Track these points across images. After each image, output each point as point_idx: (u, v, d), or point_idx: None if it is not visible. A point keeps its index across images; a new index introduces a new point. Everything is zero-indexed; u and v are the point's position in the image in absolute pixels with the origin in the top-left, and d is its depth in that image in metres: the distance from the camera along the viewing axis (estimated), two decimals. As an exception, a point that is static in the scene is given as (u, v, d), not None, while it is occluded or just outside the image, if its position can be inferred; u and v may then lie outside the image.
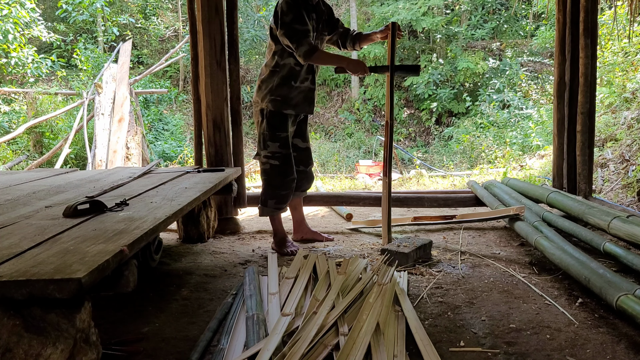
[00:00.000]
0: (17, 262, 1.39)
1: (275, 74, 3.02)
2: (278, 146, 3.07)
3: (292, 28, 2.84)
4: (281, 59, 3.01)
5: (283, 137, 3.07)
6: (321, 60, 2.96)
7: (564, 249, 2.59)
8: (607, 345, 1.83)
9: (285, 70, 3.01)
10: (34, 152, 9.96)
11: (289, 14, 2.84)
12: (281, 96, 3.02)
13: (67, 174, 3.57)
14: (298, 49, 2.85)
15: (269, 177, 3.14)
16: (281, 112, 3.04)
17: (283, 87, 3.02)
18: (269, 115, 3.06)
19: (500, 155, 9.51)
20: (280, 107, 3.03)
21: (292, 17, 2.83)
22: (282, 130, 3.06)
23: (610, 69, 8.14)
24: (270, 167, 3.11)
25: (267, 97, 3.04)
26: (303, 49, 2.84)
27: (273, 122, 3.06)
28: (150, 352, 1.82)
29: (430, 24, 14.31)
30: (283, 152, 3.08)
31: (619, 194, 4.84)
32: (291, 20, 2.83)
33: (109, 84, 8.78)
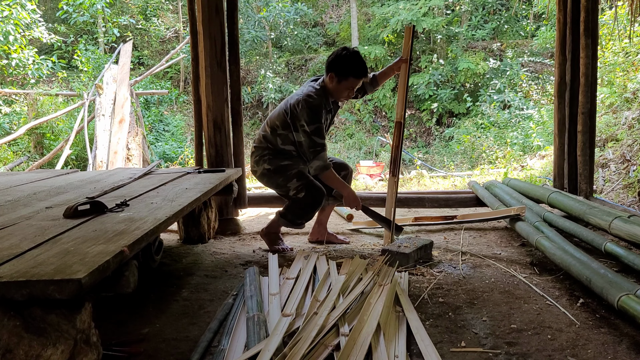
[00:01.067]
0: (18, 262, 1.39)
1: (271, 151, 3.08)
2: (296, 180, 3.05)
3: (311, 139, 2.92)
4: (282, 143, 3.06)
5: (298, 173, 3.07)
6: (328, 180, 3.02)
7: (565, 249, 2.59)
8: (609, 345, 1.82)
9: (283, 153, 3.08)
10: (34, 153, 9.97)
11: (311, 125, 2.91)
12: (276, 166, 3.07)
13: (67, 175, 3.57)
14: (313, 162, 2.95)
15: (299, 206, 3.08)
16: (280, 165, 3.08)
17: (279, 159, 3.07)
18: (274, 172, 3.07)
19: (501, 156, 9.50)
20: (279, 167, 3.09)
21: (313, 129, 2.91)
22: (292, 169, 3.06)
23: (611, 69, 8.14)
24: (300, 198, 3.06)
25: (263, 163, 3.08)
26: (317, 164, 2.94)
27: (278, 176, 3.08)
28: (150, 353, 1.82)
29: (431, 25, 14.31)
30: (304, 182, 3.04)
31: (620, 194, 4.83)
32: (312, 131, 2.91)
33: (110, 85, 8.78)
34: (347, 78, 2.93)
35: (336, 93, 3.02)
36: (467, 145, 11.38)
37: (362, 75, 2.95)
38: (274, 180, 3.09)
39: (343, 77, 2.93)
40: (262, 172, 3.10)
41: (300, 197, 3.03)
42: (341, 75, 2.93)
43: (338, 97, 3.05)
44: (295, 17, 15.81)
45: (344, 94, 3.01)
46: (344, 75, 2.93)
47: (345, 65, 2.92)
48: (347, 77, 2.93)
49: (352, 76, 2.93)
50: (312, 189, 3.02)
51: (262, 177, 3.13)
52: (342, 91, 2.99)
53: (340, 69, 2.93)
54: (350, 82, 2.94)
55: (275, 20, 15.62)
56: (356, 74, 2.93)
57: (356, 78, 2.94)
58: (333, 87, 2.99)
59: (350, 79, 2.93)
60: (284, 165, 3.05)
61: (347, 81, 2.94)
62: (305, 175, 3.04)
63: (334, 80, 2.96)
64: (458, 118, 13.76)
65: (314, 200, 3.05)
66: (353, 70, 2.92)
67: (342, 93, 3.01)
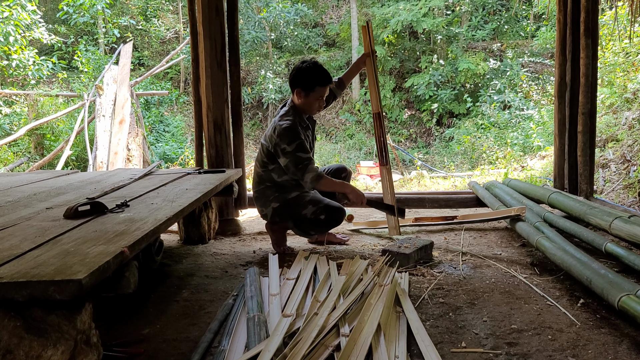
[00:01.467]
0: (18, 263, 1.39)
1: (273, 189, 3.08)
2: (312, 206, 3.05)
3: (296, 156, 2.90)
4: (278, 176, 3.07)
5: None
6: (326, 187, 3.00)
7: (566, 250, 2.59)
8: (609, 345, 1.82)
9: (284, 186, 3.08)
10: (35, 154, 9.97)
11: (292, 144, 2.90)
12: (284, 201, 3.07)
13: (68, 176, 3.57)
14: (304, 177, 2.92)
15: (318, 224, 3.08)
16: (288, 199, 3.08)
17: (284, 194, 3.06)
18: (285, 206, 3.07)
19: (501, 156, 9.50)
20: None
21: (295, 146, 2.90)
22: (303, 198, 3.07)
23: (611, 70, 8.14)
24: (322, 220, 3.06)
25: (271, 203, 3.08)
26: (310, 176, 2.91)
27: (290, 208, 3.07)
28: (151, 354, 1.82)
29: (431, 25, 14.32)
30: (322, 205, 3.03)
31: (621, 195, 4.83)
32: (294, 149, 2.90)
33: (110, 86, 8.79)
34: (314, 89, 2.95)
35: (307, 107, 3.03)
36: (467, 145, 11.38)
37: (327, 82, 2.97)
38: (288, 213, 3.07)
39: (310, 89, 2.95)
40: (273, 211, 3.10)
41: (322, 219, 3.05)
42: (307, 88, 2.95)
43: (310, 110, 3.06)
44: (295, 18, 15.82)
45: (315, 105, 3.02)
46: (310, 87, 2.95)
47: (308, 78, 2.94)
48: (313, 88, 2.95)
49: (317, 85, 2.95)
50: (332, 210, 3.04)
51: (275, 216, 3.11)
52: (313, 103, 3.01)
53: (304, 82, 2.95)
54: (317, 92, 2.96)
55: (275, 21, 15.63)
56: (321, 82, 2.95)
57: (322, 86, 2.96)
58: (303, 103, 3.00)
59: (317, 88, 2.95)
60: (293, 197, 3.05)
61: (315, 92, 2.95)
62: (319, 199, 3.05)
63: (301, 96, 2.97)
64: (458, 118, 13.77)
65: (335, 221, 3.10)
66: (317, 80, 2.94)
67: (314, 105, 3.02)
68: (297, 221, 3.09)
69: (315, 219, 3.05)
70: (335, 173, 3.32)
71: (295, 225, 3.12)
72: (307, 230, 3.15)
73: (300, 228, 3.13)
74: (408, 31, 15.63)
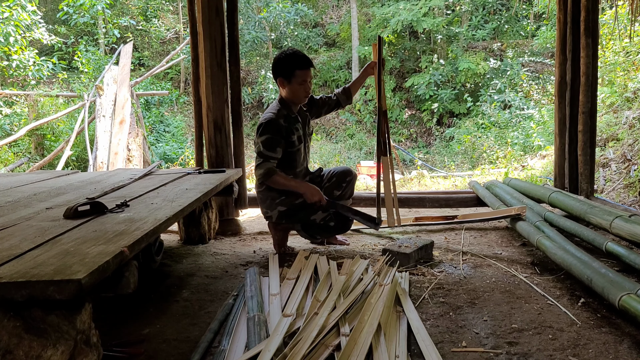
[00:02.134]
0: (17, 263, 1.39)
1: (276, 190, 3.05)
2: (322, 212, 3.05)
3: (260, 150, 2.95)
4: None
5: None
6: (276, 185, 2.98)
7: (566, 249, 2.58)
8: (610, 345, 1.82)
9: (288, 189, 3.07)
10: (35, 154, 9.98)
11: (261, 137, 2.94)
12: (291, 205, 3.05)
13: (68, 176, 3.57)
14: (256, 170, 2.96)
15: (326, 229, 3.10)
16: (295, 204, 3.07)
17: (291, 198, 3.04)
18: (293, 210, 3.05)
19: (501, 156, 9.50)
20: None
21: (263, 139, 2.93)
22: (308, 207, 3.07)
23: (611, 69, 8.14)
24: (331, 226, 3.08)
25: (277, 207, 3.06)
26: (260, 171, 2.93)
27: (298, 212, 3.06)
28: (151, 354, 1.82)
29: (431, 25, 14.31)
30: (332, 213, 3.05)
31: (621, 194, 4.83)
32: (261, 142, 2.93)
33: (110, 86, 8.79)
34: (294, 74, 2.94)
35: (294, 96, 3.02)
36: (467, 145, 11.38)
37: (305, 64, 2.96)
38: (295, 216, 3.07)
39: (290, 75, 2.94)
40: (279, 215, 3.09)
41: (332, 226, 3.07)
42: (287, 74, 2.95)
43: (298, 98, 3.04)
44: (295, 18, 15.82)
45: (301, 92, 3.00)
46: (290, 73, 2.94)
47: (286, 63, 2.95)
48: (293, 73, 2.94)
49: (297, 69, 2.93)
50: (342, 217, 3.06)
51: (281, 218, 3.10)
52: (297, 90, 2.99)
53: (283, 69, 2.95)
54: (299, 77, 2.95)
55: (275, 21, 15.64)
56: (300, 66, 2.94)
57: (302, 69, 2.94)
58: (288, 92, 3.00)
59: (297, 72, 2.94)
60: (302, 202, 3.03)
61: (296, 77, 2.94)
62: (330, 206, 3.06)
63: (285, 84, 2.97)
64: (459, 118, 13.77)
65: (345, 228, 3.12)
66: (295, 64, 2.93)
67: (299, 92, 3.00)
68: (305, 225, 3.09)
69: (325, 225, 3.05)
70: (340, 176, 3.26)
71: (303, 228, 3.11)
72: (315, 234, 3.16)
73: (307, 232, 3.13)
74: (408, 31, 15.63)
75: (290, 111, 3.04)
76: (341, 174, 3.29)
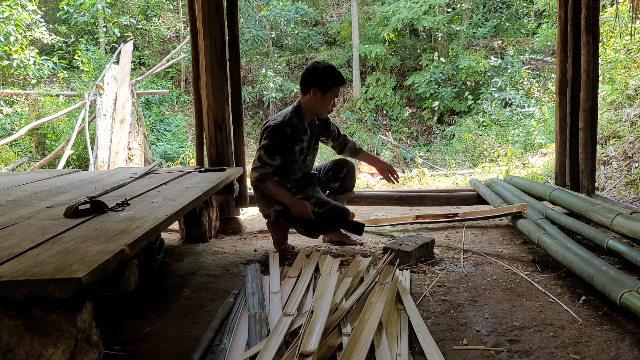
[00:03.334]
0: (18, 262, 1.38)
1: None
2: (318, 208, 3.06)
3: (259, 155, 2.98)
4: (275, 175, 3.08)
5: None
6: (266, 190, 3.01)
7: (567, 247, 2.58)
8: (611, 342, 1.82)
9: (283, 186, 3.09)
10: (36, 153, 9.98)
11: (265, 140, 2.98)
12: (282, 204, 3.07)
13: (68, 175, 3.57)
14: (252, 173, 3.00)
15: (323, 224, 3.11)
16: None
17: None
18: (284, 211, 3.07)
19: (502, 154, 9.49)
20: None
21: (265, 145, 2.96)
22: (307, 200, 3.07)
23: (612, 66, 8.12)
24: (326, 218, 3.10)
25: (274, 205, 3.09)
26: (255, 175, 2.97)
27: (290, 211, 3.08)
28: (152, 352, 1.82)
29: (432, 23, 14.30)
30: (327, 206, 3.05)
31: (622, 191, 4.82)
32: (263, 147, 2.97)
33: (111, 85, 8.79)
34: (331, 88, 2.98)
35: (321, 107, 3.04)
36: (468, 143, 11.37)
37: (343, 82, 3.03)
38: (292, 215, 3.07)
39: (327, 88, 2.98)
40: (277, 214, 3.11)
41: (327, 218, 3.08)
42: (325, 87, 2.97)
43: (323, 111, 3.07)
44: (295, 16, 15.81)
45: (329, 106, 3.05)
46: (328, 86, 2.97)
47: (327, 76, 2.97)
48: (330, 87, 2.98)
49: (335, 85, 2.98)
50: (337, 210, 3.05)
51: (278, 217, 3.12)
52: (327, 103, 3.03)
53: (323, 81, 2.97)
54: (334, 92, 3.00)
55: (275, 20, 15.62)
56: (338, 82, 2.99)
57: (338, 86, 3.00)
58: (317, 102, 3.01)
59: (334, 88, 2.98)
60: (298, 200, 3.05)
61: (332, 91, 2.99)
62: (325, 201, 3.06)
63: (317, 95, 2.99)
64: (459, 116, 13.75)
65: (340, 221, 3.11)
66: (335, 79, 2.98)
67: (327, 105, 3.04)
68: (302, 222, 3.09)
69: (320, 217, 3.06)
70: (336, 168, 3.27)
71: (301, 225, 3.12)
72: (313, 230, 3.15)
73: (305, 228, 3.13)
74: (409, 29, 15.62)
75: (301, 122, 3.06)
76: (336, 166, 3.28)
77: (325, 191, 3.29)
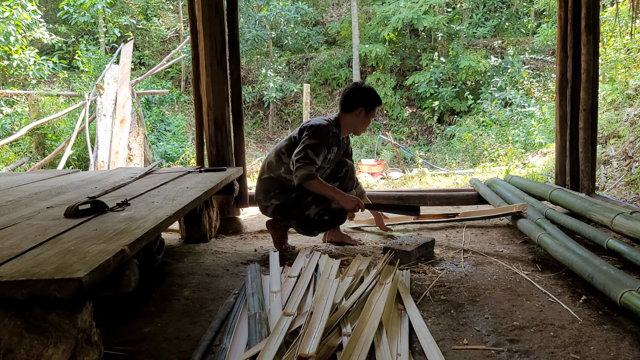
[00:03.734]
0: (18, 262, 1.39)
1: (274, 183, 3.10)
2: (315, 207, 3.06)
3: (305, 152, 2.94)
4: (286, 172, 3.08)
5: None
6: (312, 188, 2.98)
7: (567, 246, 2.58)
8: (612, 342, 1.82)
9: (284, 184, 3.10)
10: (36, 153, 9.98)
11: (311, 139, 2.96)
12: (286, 200, 3.08)
13: (69, 175, 3.57)
14: (298, 171, 2.92)
15: (322, 223, 3.11)
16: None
17: (287, 193, 3.08)
18: (287, 205, 3.08)
19: (502, 153, 9.49)
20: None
21: (311, 142, 2.95)
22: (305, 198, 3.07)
23: (612, 66, 8.12)
24: (326, 220, 3.09)
25: (272, 199, 3.10)
26: (302, 173, 2.91)
27: (292, 208, 3.08)
28: (152, 352, 1.82)
29: (432, 23, 14.29)
30: (325, 206, 3.05)
31: (622, 191, 4.83)
32: (309, 144, 2.95)
33: (111, 85, 8.79)
34: (374, 108, 3.12)
35: (362, 126, 3.15)
36: (468, 143, 11.36)
37: (381, 103, 3.21)
38: (289, 212, 3.09)
39: (371, 108, 3.11)
40: (274, 209, 3.11)
41: (326, 219, 3.08)
42: (370, 107, 3.10)
43: (361, 129, 3.17)
44: (295, 16, 15.80)
45: (367, 124, 3.19)
46: (372, 106, 3.10)
47: (375, 99, 3.11)
48: (374, 107, 3.11)
49: (377, 105, 3.13)
50: (335, 211, 3.06)
51: (276, 213, 3.13)
52: (367, 122, 3.17)
53: (370, 102, 3.09)
54: (373, 113, 3.13)
55: (275, 19, 15.61)
56: (380, 103, 3.14)
57: (379, 106, 3.15)
58: (358, 121, 3.11)
59: (376, 108, 3.14)
60: (295, 197, 3.05)
61: (373, 111, 3.12)
62: (323, 199, 3.05)
63: (361, 114, 3.09)
64: (459, 116, 13.75)
65: (340, 221, 3.13)
66: (378, 101, 3.13)
67: (367, 124, 3.18)
68: (300, 221, 3.09)
69: (319, 219, 3.06)
70: (334, 169, 3.25)
71: (299, 224, 3.12)
72: (312, 229, 3.15)
73: (303, 228, 3.13)
74: (409, 29, 15.61)
75: (339, 133, 3.14)
76: (336, 166, 3.27)
77: None
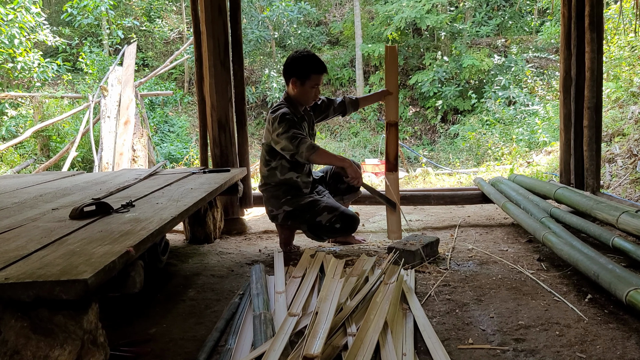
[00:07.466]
0: (24, 264, 1.39)
1: (281, 189, 3.07)
2: (327, 213, 3.03)
3: (290, 134, 2.89)
4: (282, 174, 3.06)
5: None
6: (322, 159, 2.97)
7: (573, 245, 2.57)
8: (617, 341, 1.81)
9: (290, 186, 3.07)
10: (41, 155, 10.03)
11: (285, 126, 2.90)
12: (297, 206, 3.05)
13: (73, 177, 3.58)
14: (299, 148, 2.88)
15: (333, 230, 3.06)
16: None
17: (298, 199, 3.05)
18: (299, 211, 3.05)
19: (506, 152, 9.47)
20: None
21: (288, 127, 2.90)
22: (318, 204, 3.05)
23: (616, 64, 8.09)
24: (337, 228, 3.05)
25: (284, 206, 3.07)
26: (304, 147, 2.87)
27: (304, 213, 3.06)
28: (158, 353, 1.82)
29: (435, 22, 14.27)
30: (337, 213, 3.00)
31: (627, 189, 4.81)
32: (288, 129, 2.90)
33: (115, 87, 8.81)
34: (309, 76, 2.97)
35: (304, 96, 3.04)
36: (472, 142, 11.34)
37: (322, 70, 3.01)
38: (301, 218, 3.05)
39: (305, 77, 2.98)
40: (285, 215, 3.08)
41: (338, 227, 3.02)
42: (303, 76, 2.97)
43: (307, 100, 3.06)
44: (298, 16, 15.81)
45: (311, 94, 3.04)
46: (305, 75, 2.97)
47: (303, 65, 2.97)
48: (308, 76, 2.97)
49: (312, 73, 2.97)
50: (347, 218, 3.01)
51: (286, 219, 3.10)
52: (309, 92, 3.02)
53: (299, 70, 2.97)
54: (313, 80, 2.99)
55: (278, 20, 15.62)
56: (316, 70, 2.97)
57: (317, 74, 2.99)
58: (298, 92, 3.01)
59: (312, 76, 2.97)
60: (307, 203, 3.03)
61: (310, 80, 2.98)
62: (334, 206, 3.03)
63: (297, 84, 2.99)
64: (463, 115, 13.72)
65: (351, 229, 3.08)
66: (312, 68, 2.97)
67: (309, 94, 3.03)
68: (311, 226, 3.07)
69: (330, 226, 3.02)
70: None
71: (309, 229, 3.09)
72: (321, 235, 3.12)
73: (314, 233, 3.10)
74: (412, 28, 15.59)
75: (296, 110, 3.05)
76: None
77: (333, 193, 3.28)
